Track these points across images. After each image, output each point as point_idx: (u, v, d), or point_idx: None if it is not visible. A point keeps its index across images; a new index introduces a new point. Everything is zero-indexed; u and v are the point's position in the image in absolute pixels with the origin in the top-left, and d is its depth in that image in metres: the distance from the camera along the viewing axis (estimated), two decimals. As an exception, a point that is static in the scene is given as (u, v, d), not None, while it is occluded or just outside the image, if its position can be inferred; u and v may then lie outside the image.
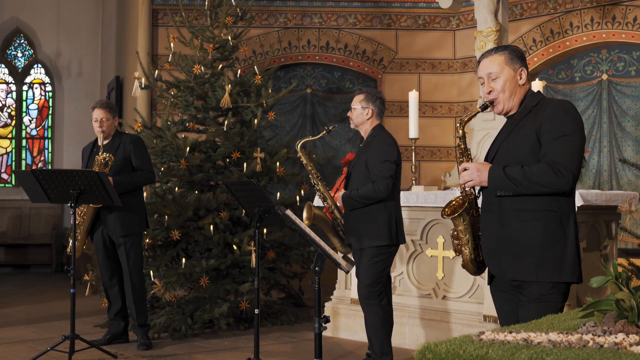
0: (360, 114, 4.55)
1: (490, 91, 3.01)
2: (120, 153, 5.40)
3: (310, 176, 4.63)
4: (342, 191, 4.50)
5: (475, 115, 3.09)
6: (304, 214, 4.36)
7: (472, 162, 3.03)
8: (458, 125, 3.08)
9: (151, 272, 6.02)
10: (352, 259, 4.26)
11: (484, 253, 3.03)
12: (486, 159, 3.06)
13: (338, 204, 4.53)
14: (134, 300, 5.42)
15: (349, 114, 4.64)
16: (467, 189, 3.02)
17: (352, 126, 4.65)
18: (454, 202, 3.02)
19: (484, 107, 3.07)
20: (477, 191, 3.05)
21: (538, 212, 2.84)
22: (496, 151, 2.98)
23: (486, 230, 2.99)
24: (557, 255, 2.84)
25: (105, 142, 5.44)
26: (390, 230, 4.40)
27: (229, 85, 6.44)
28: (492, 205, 2.95)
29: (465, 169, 2.96)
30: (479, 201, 3.06)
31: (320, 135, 4.83)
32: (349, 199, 4.41)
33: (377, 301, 4.44)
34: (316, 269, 3.21)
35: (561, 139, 2.81)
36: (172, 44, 6.74)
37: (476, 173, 2.91)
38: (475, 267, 3.07)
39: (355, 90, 4.72)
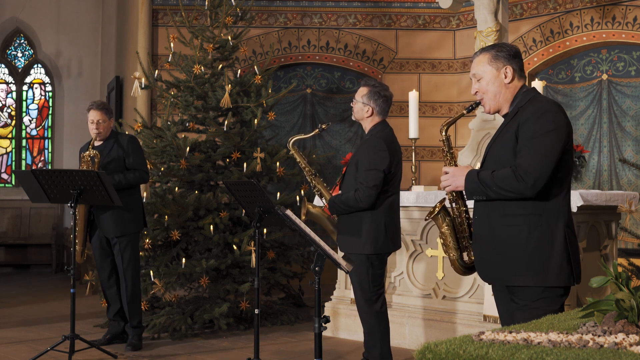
0: (360, 110, 4.35)
1: (477, 92, 3.02)
2: (114, 153, 5.39)
3: (304, 173, 4.54)
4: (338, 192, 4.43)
5: (459, 117, 3.10)
6: (301, 210, 4.33)
7: (454, 165, 3.05)
8: (441, 127, 3.10)
9: (151, 272, 6.02)
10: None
11: (475, 258, 3.04)
12: (481, 162, 3.08)
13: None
14: (127, 301, 5.41)
15: (352, 104, 4.45)
16: (446, 193, 3.07)
17: (353, 118, 4.47)
18: (436, 206, 3.09)
19: (469, 110, 3.09)
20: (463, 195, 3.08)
21: (523, 216, 2.83)
22: (486, 155, 3.00)
23: (476, 236, 3.01)
24: (542, 259, 2.82)
25: (100, 142, 5.44)
26: (376, 239, 4.20)
27: (229, 85, 6.44)
28: (482, 211, 2.95)
29: (446, 173, 2.99)
30: (470, 205, 3.07)
31: (313, 133, 4.67)
32: (334, 205, 4.28)
33: (373, 306, 4.29)
34: (316, 269, 3.20)
35: (532, 141, 2.78)
36: (172, 44, 6.74)
37: (452, 178, 2.95)
38: (461, 267, 3.12)
39: (362, 81, 4.49)
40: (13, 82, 11.81)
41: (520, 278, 2.84)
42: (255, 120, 6.50)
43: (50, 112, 11.80)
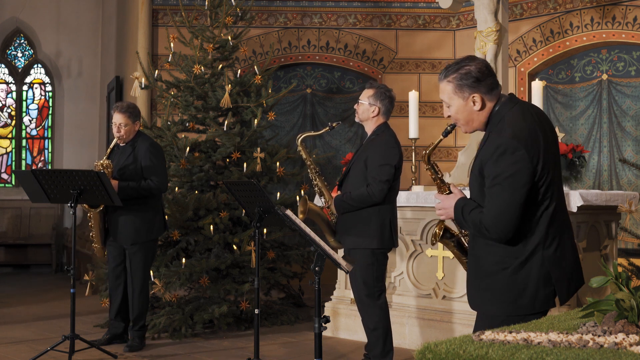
0: (366, 110, 4.43)
1: (449, 116, 2.88)
2: (130, 159, 5.32)
3: (309, 171, 4.57)
4: (338, 193, 4.46)
5: (438, 143, 2.99)
6: (299, 208, 4.32)
7: (448, 189, 2.94)
8: (423, 155, 2.99)
9: (151, 272, 6.02)
10: (349, 256, 4.26)
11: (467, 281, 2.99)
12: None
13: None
14: (133, 306, 5.41)
15: (355, 106, 4.52)
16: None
17: (356, 119, 4.56)
18: (438, 229, 3.05)
19: (446, 133, 2.95)
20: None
21: (500, 247, 2.72)
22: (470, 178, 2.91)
23: (468, 260, 2.96)
24: (518, 288, 2.70)
25: (123, 144, 5.41)
26: (382, 234, 4.33)
27: (229, 85, 6.44)
28: (471, 235, 2.89)
29: (438, 201, 2.95)
30: None
31: (323, 131, 4.71)
32: (341, 202, 4.33)
33: (377, 302, 4.39)
34: (316, 269, 3.20)
35: (492, 189, 2.66)
36: (172, 44, 6.74)
37: (443, 210, 2.89)
38: None
39: (366, 84, 4.61)
40: (13, 82, 11.81)
41: (489, 305, 2.77)
42: (255, 120, 6.50)
43: (50, 112, 11.80)
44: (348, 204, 4.31)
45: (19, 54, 11.87)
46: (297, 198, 6.57)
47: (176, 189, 6.40)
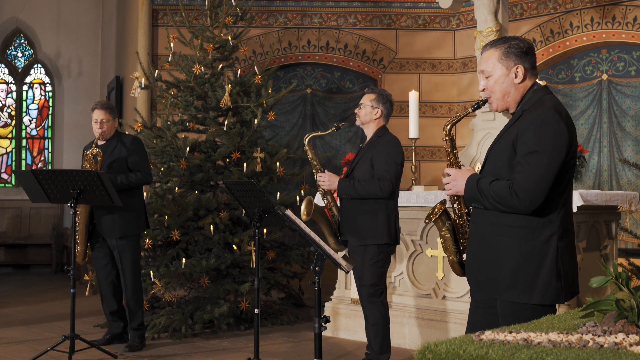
0: (369, 113, 4.57)
1: (484, 89, 2.87)
2: (117, 153, 5.37)
3: (313, 170, 4.65)
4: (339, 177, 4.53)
5: (464, 115, 2.95)
6: (303, 209, 4.34)
7: (457, 166, 2.91)
8: (445, 125, 2.96)
9: (151, 272, 6.02)
10: (349, 257, 4.28)
11: (466, 263, 2.95)
12: (482, 165, 2.97)
13: (334, 193, 4.56)
14: (127, 303, 5.41)
15: (356, 110, 4.65)
16: (447, 195, 2.96)
17: (357, 123, 4.67)
18: (436, 207, 3.02)
19: (475, 108, 2.91)
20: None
21: (514, 228, 2.70)
22: (487, 158, 2.87)
23: (469, 242, 2.91)
24: (530, 275, 2.68)
25: (104, 142, 5.44)
26: (389, 230, 4.45)
27: (229, 85, 6.44)
28: (476, 217, 2.84)
29: (448, 174, 2.87)
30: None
31: (330, 131, 4.80)
32: (349, 187, 4.41)
33: (381, 299, 4.49)
34: (316, 269, 3.20)
35: (529, 156, 2.63)
36: (172, 44, 6.74)
37: (453, 182, 2.83)
38: (460, 269, 3.05)
39: (367, 89, 4.74)
40: (13, 82, 11.81)
41: (505, 292, 2.72)
42: (255, 120, 6.50)
43: (50, 112, 11.80)
44: (355, 190, 4.39)
45: (19, 54, 11.87)
46: (297, 198, 6.57)
47: (176, 189, 6.40)
